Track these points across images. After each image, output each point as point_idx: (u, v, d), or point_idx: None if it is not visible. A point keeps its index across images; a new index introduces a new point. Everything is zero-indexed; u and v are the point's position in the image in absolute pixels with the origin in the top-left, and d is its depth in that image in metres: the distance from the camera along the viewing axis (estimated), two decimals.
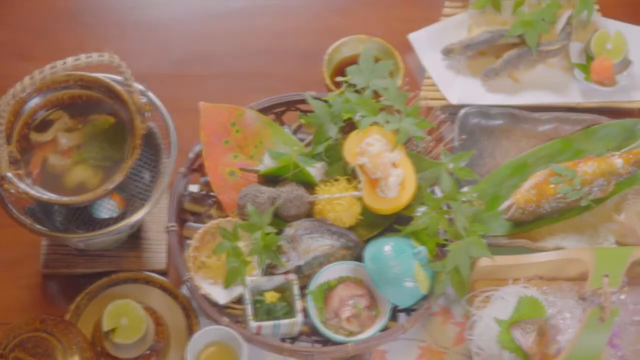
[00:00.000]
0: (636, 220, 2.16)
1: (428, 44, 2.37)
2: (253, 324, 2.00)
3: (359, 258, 2.09)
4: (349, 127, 2.14)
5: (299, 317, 2.02)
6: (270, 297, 2.04)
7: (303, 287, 2.07)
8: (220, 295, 2.06)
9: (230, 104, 2.19)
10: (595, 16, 2.40)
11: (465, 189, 2.13)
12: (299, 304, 2.03)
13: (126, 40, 2.42)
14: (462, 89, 2.32)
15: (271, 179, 2.12)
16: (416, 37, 2.37)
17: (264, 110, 2.21)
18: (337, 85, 2.20)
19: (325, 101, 2.15)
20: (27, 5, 2.46)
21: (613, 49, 2.34)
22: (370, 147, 2.08)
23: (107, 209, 2.10)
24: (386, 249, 2.06)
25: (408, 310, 2.09)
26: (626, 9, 2.46)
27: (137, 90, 2.00)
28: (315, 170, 2.11)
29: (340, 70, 2.24)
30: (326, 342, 2.06)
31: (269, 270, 2.07)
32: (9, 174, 1.96)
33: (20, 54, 2.39)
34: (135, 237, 2.16)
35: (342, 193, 2.08)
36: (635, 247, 2.09)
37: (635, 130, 2.25)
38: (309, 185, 2.11)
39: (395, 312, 2.09)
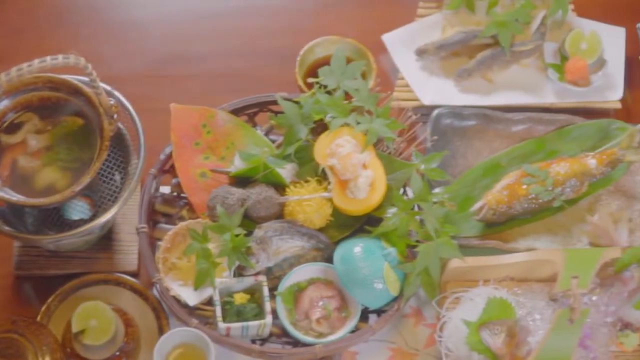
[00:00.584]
0: (609, 221, 2.16)
1: (402, 44, 2.36)
2: (222, 325, 2.00)
3: (329, 259, 2.09)
4: (320, 128, 2.14)
5: (268, 319, 2.01)
6: (240, 298, 2.04)
7: (273, 289, 2.07)
8: (191, 296, 2.06)
9: (205, 105, 2.19)
10: (570, 16, 2.39)
11: (436, 190, 2.13)
12: (268, 306, 2.03)
13: (103, 41, 2.42)
14: (435, 89, 2.32)
15: (242, 181, 2.12)
16: (390, 38, 2.36)
17: (236, 112, 2.21)
18: (310, 86, 2.20)
19: (297, 102, 2.15)
20: (3, 7, 2.46)
21: (588, 49, 2.33)
22: (340, 148, 2.08)
23: (78, 210, 2.10)
24: (356, 250, 2.05)
25: (379, 312, 2.08)
26: (602, 8, 2.45)
27: (104, 91, 2.00)
28: (285, 171, 2.11)
29: (313, 71, 2.23)
30: (296, 343, 2.06)
31: (239, 272, 2.07)
32: None
33: None
34: (107, 239, 2.17)
35: (312, 194, 2.08)
36: (606, 248, 2.09)
37: (609, 130, 2.24)
38: (280, 187, 2.11)
39: (366, 314, 2.09)
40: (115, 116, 2.01)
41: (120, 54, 2.40)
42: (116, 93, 2.08)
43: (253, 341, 2.06)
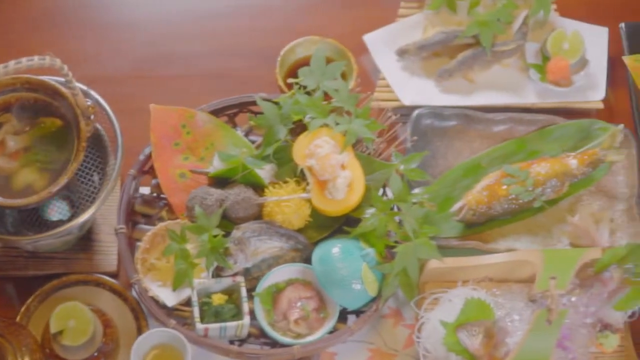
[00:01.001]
0: (590, 221, 2.15)
1: (383, 44, 2.36)
2: (200, 326, 2.00)
3: (308, 260, 2.08)
4: (300, 129, 2.14)
5: (246, 320, 2.01)
6: (218, 299, 2.04)
7: (252, 289, 2.06)
8: (169, 297, 2.05)
9: (188, 105, 2.19)
10: (552, 16, 2.39)
11: (416, 191, 2.12)
12: (246, 306, 2.02)
13: (86, 41, 2.42)
14: (416, 90, 2.31)
15: (221, 181, 2.12)
16: (371, 38, 2.36)
17: (216, 112, 2.21)
18: (290, 86, 2.20)
19: (276, 103, 2.15)
20: None
21: (570, 49, 2.32)
22: (319, 148, 2.07)
23: (57, 211, 2.10)
24: (334, 250, 2.05)
25: (358, 313, 2.08)
26: (585, 8, 2.45)
27: (81, 92, 2.00)
28: (264, 172, 2.11)
29: (294, 71, 2.23)
30: (274, 344, 2.05)
31: (218, 273, 2.06)
32: None
33: None
34: (87, 239, 2.17)
35: (291, 195, 2.08)
36: (585, 249, 2.08)
37: (591, 130, 2.24)
38: (259, 187, 2.11)
39: (344, 315, 2.08)
40: (92, 117, 2.01)
41: (103, 55, 2.40)
42: (94, 94, 2.08)
43: (231, 342, 2.06)
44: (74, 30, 2.43)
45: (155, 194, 2.18)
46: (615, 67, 2.38)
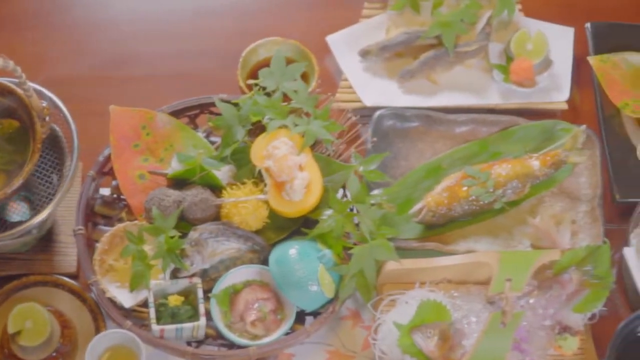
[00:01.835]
0: (551, 223, 2.14)
1: (346, 45, 2.35)
2: (155, 327, 2.00)
3: (266, 261, 2.08)
4: (259, 130, 2.14)
5: (202, 321, 2.01)
6: (174, 300, 2.04)
7: (210, 291, 2.06)
8: (127, 298, 2.06)
9: (150, 106, 2.19)
10: (517, 16, 2.38)
11: (376, 192, 2.12)
12: (202, 308, 2.02)
13: (48, 43, 2.42)
14: (378, 90, 2.31)
15: (179, 183, 2.12)
16: (334, 39, 2.35)
17: (176, 114, 2.20)
18: (251, 88, 2.19)
19: (236, 104, 2.15)
20: None
21: (533, 49, 2.31)
22: (276, 150, 2.07)
23: (17, 212, 2.10)
24: (291, 252, 2.05)
25: (315, 314, 2.08)
26: (551, 8, 2.44)
27: (35, 94, 2.00)
28: (221, 173, 2.11)
29: (256, 72, 2.22)
30: (232, 345, 2.05)
31: (175, 274, 2.07)
32: None
33: None
34: (47, 240, 2.17)
35: (248, 196, 2.08)
36: (542, 251, 2.07)
37: (554, 131, 2.23)
38: (216, 189, 2.11)
39: (303, 316, 2.08)
40: (47, 118, 2.01)
41: (65, 56, 2.40)
42: (50, 94, 2.09)
43: (189, 343, 2.06)
44: (36, 31, 2.43)
45: (115, 195, 2.18)
46: (581, 67, 2.37)
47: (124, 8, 2.48)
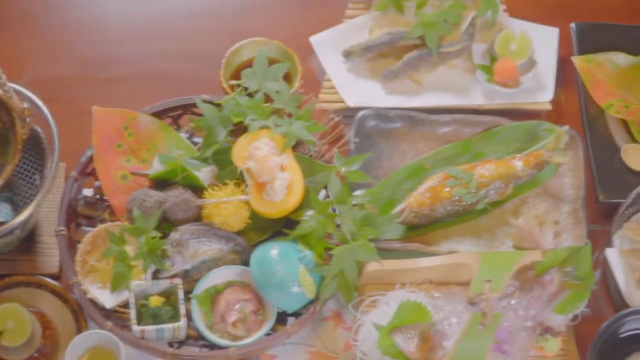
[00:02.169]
0: (534, 224, 2.14)
1: (329, 46, 2.35)
2: (136, 328, 2.00)
3: (247, 262, 2.08)
4: (241, 131, 2.13)
5: (182, 322, 2.01)
6: (155, 301, 2.04)
7: (191, 291, 2.06)
8: (108, 299, 2.06)
9: (133, 107, 2.19)
10: (502, 16, 2.37)
11: (358, 193, 2.12)
12: (183, 308, 2.02)
13: (32, 43, 2.42)
14: (361, 91, 2.30)
15: (161, 183, 2.12)
16: (317, 40, 2.35)
17: (159, 114, 2.20)
18: (234, 88, 2.19)
19: (218, 105, 2.15)
20: None
21: (517, 49, 2.31)
22: (257, 150, 2.07)
23: (0, 213, 2.11)
24: (272, 253, 2.05)
25: (297, 315, 2.08)
26: (536, 9, 2.44)
27: (15, 94, 2.00)
28: (203, 174, 2.11)
29: (239, 73, 2.22)
30: (213, 346, 2.05)
31: (156, 275, 2.07)
32: None
33: None
34: (30, 241, 2.17)
35: (229, 197, 2.08)
36: (522, 252, 2.07)
37: (537, 132, 2.22)
38: (198, 189, 2.11)
39: (284, 317, 2.08)
40: (28, 119, 2.01)
41: (48, 57, 2.40)
42: (30, 95, 2.09)
43: (170, 344, 2.06)
44: (20, 32, 2.43)
45: (98, 196, 2.18)
46: (565, 68, 2.36)
47: (107, 9, 2.48)
